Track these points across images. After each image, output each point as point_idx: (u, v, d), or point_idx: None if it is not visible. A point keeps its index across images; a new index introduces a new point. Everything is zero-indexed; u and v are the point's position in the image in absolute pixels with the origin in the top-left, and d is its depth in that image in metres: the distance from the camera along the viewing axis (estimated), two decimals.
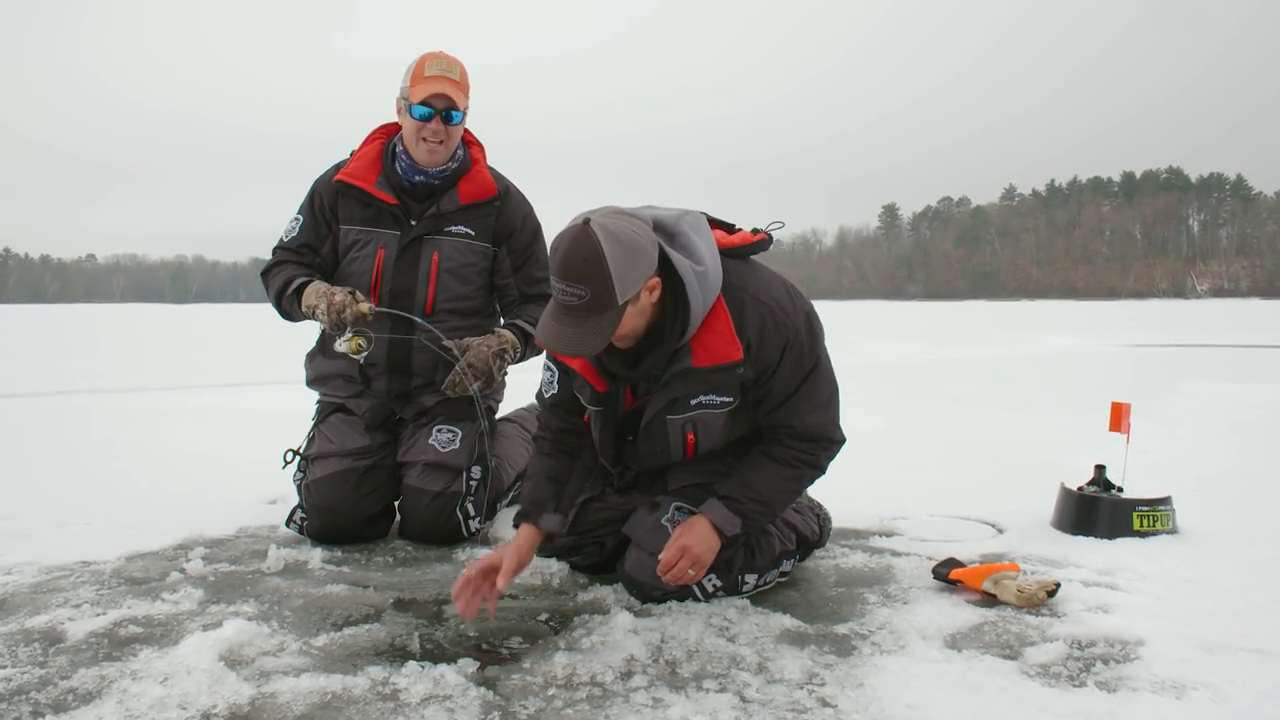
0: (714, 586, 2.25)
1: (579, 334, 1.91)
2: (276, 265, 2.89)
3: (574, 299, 1.88)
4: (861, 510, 3.11)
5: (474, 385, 2.72)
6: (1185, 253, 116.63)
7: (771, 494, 2.20)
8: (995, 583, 2.28)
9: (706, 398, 2.15)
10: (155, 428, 5.30)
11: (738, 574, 2.27)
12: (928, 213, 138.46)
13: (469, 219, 2.87)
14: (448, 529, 2.78)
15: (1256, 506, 3.30)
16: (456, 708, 1.66)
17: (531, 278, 2.97)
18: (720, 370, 2.07)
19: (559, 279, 1.89)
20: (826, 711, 1.67)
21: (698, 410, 2.17)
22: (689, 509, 2.25)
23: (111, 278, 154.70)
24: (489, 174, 2.94)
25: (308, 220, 2.90)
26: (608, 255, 1.85)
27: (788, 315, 2.11)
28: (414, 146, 2.79)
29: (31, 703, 1.68)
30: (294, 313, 2.83)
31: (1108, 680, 1.80)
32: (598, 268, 1.85)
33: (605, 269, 1.85)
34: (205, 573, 2.47)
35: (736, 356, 2.05)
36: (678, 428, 2.22)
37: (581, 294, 1.87)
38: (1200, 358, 11.42)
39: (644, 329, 2.04)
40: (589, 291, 1.87)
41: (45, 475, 3.86)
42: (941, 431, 5.27)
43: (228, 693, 1.71)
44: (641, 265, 1.91)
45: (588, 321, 1.90)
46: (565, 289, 1.89)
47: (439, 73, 2.75)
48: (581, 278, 1.86)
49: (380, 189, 2.83)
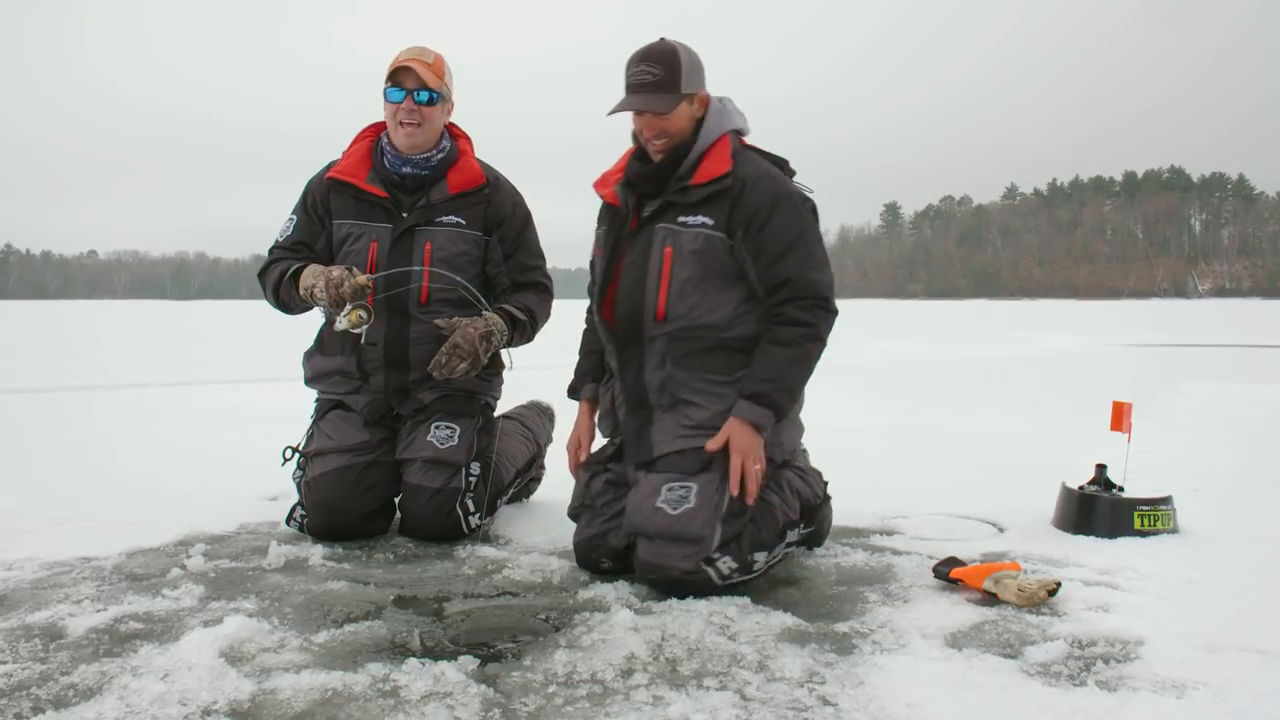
0: (729, 569, 2.26)
1: (650, 99, 2.34)
2: (273, 263, 2.90)
3: (649, 76, 2.34)
4: (862, 509, 3.11)
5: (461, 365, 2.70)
6: (1187, 252, 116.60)
7: (789, 377, 2.37)
8: (996, 582, 2.27)
9: (692, 217, 2.40)
10: (156, 424, 5.31)
11: (748, 554, 2.29)
12: (929, 212, 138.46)
13: (459, 208, 2.90)
14: (448, 525, 2.78)
15: (1257, 506, 3.30)
16: (457, 705, 1.67)
17: (523, 265, 2.98)
18: (710, 184, 2.38)
19: (639, 62, 2.35)
20: (827, 710, 1.67)
21: (680, 227, 2.40)
22: (682, 482, 2.29)
23: (113, 274, 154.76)
24: (477, 164, 2.98)
25: (301, 219, 2.92)
26: (680, 52, 2.37)
27: (782, 181, 2.44)
28: (394, 133, 2.84)
29: (32, 698, 1.68)
30: (291, 301, 2.83)
31: (1108, 680, 1.80)
32: (672, 57, 2.35)
33: (677, 59, 2.36)
34: (206, 569, 2.47)
35: (724, 169, 2.37)
36: (660, 238, 2.42)
37: (656, 73, 2.34)
38: (1201, 357, 11.41)
39: (684, 137, 2.40)
40: (663, 71, 2.34)
41: (46, 471, 3.86)
42: (943, 430, 5.27)
43: (228, 689, 1.71)
44: (699, 74, 2.41)
45: (657, 95, 2.34)
46: (643, 69, 2.34)
47: (410, 56, 2.83)
48: (658, 60, 2.34)
49: (371, 183, 2.86)
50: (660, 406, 2.45)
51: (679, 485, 2.30)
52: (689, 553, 2.22)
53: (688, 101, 2.38)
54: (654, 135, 2.39)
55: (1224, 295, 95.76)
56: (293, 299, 2.81)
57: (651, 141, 2.41)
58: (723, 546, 2.25)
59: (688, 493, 2.28)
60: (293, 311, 2.89)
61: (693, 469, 2.32)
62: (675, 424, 2.41)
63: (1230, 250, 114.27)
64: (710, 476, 2.31)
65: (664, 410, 2.45)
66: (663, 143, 2.40)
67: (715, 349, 2.43)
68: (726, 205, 2.37)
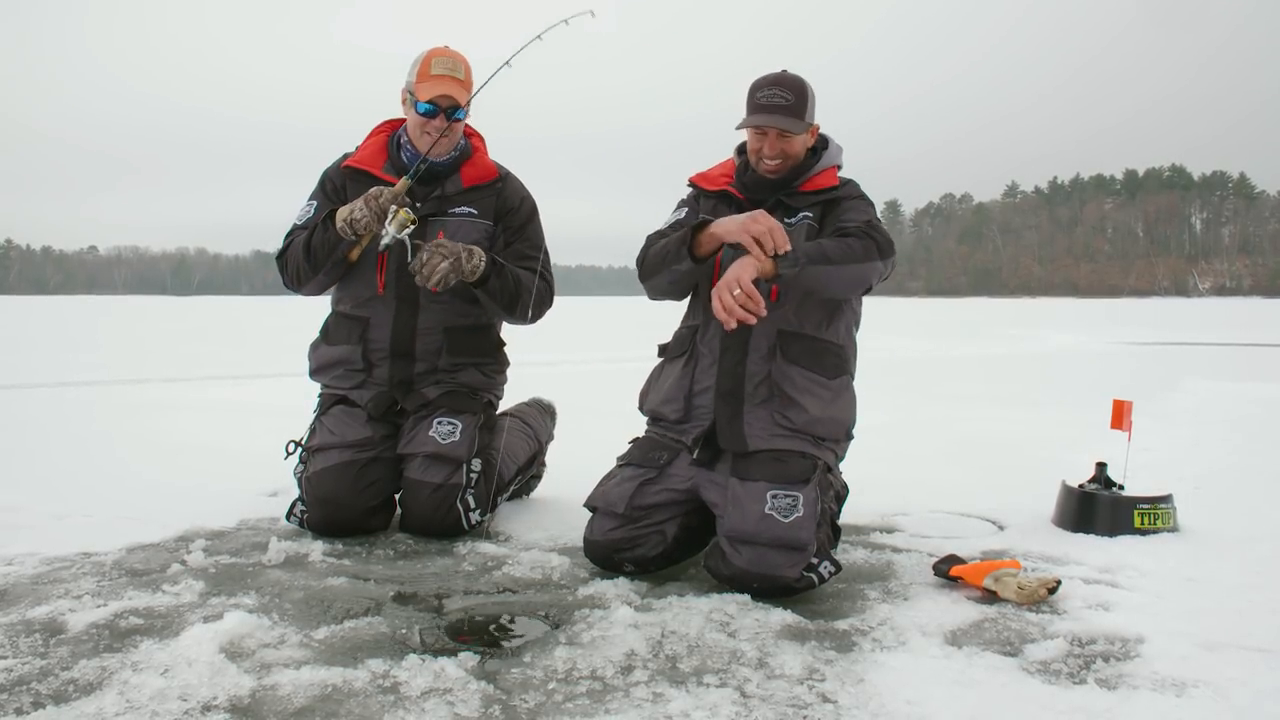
0: (829, 572, 2.29)
1: (784, 119, 2.47)
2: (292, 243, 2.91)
3: (782, 100, 2.48)
4: (863, 506, 3.11)
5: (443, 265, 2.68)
6: (1187, 251, 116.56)
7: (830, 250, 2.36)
8: (996, 579, 2.28)
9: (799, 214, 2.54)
10: (156, 419, 5.31)
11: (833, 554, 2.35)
12: (930, 209, 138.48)
13: (472, 200, 2.95)
14: (448, 521, 2.78)
15: (1257, 504, 3.30)
16: (457, 701, 1.67)
17: (521, 253, 2.99)
18: (818, 193, 2.56)
19: (771, 86, 2.49)
20: (827, 707, 1.67)
21: (788, 223, 2.50)
22: (786, 490, 2.29)
23: (113, 269, 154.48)
24: (490, 161, 3.04)
25: (322, 203, 2.94)
26: (807, 85, 2.54)
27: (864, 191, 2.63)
28: (418, 139, 2.89)
29: (32, 693, 1.68)
30: (324, 252, 2.78)
31: (1108, 678, 1.80)
32: (802, 88, 2.52)
33: (805, 90, 2.52)
34: (206, 565, 2.48)
35: (834, 183, 2.58)
36: None
37: (788, 98, 2.48)
38: (1202, 356, 11.41)
39: (797, 161, 2.55)
40: (793, 97, 2.48)
41: (46, 467, 3.86)
42: (943, 428, 5.28)
43: (228, 684, 1.71)
44: (815, 109, 2.57)
45: (789, 117, 2.48)
46: (776, 92, 2.48)
47: (444, 72, 2.83)
48: (790, 87, 2.49)
49: (386, 173, 2.90)
50: (754, 399, 2.44)
51: (784, 494, 2.29)
52: (795, 561, 2.23)
53: (807, 130, 2.52)
54: (775, 154, 2.50)
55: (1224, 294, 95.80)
56: (326, 244, 2.77)
57: (769, 160, 2.51)
58: (818, 551, 2.27)
59: (795, 501, 2.28)
60: (319, 268, 2.83)
61: (796, 478, 2.32)
62: (770, 420, 2.42)
63: (1231, 249, 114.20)
64: (810, 486, 2.32)
65: (757, 403, 2.44)
66: (778, 163, 2.51)
67: (824, 351, 2.48)
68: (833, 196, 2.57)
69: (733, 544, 2.27)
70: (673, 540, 2.44)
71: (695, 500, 2.46)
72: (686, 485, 2.46)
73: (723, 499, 2.37)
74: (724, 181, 2.64)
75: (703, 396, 2.51)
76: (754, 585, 2.25)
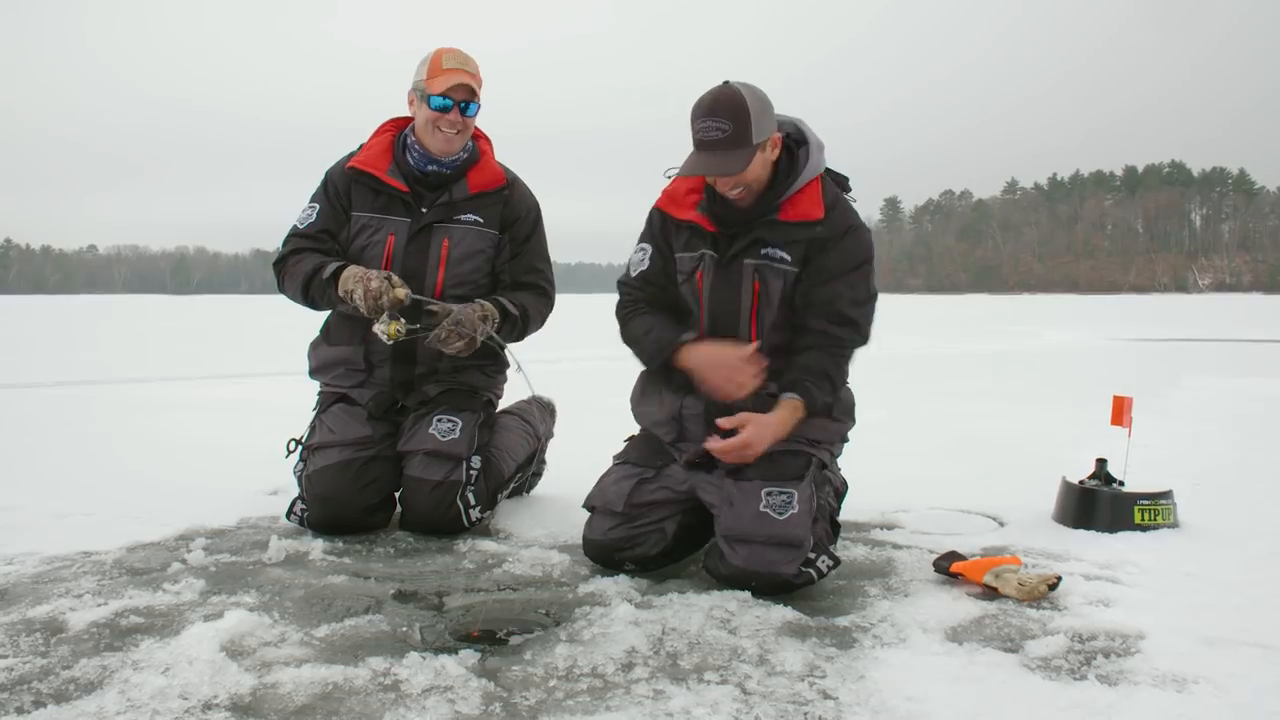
0: (827, 567, 2.28)
1: (722, 160, 2.23)
2: (293, 253, 2.87)
3: (718, 134, 2.21)
4: (863, 503, 3.10)
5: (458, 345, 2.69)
6: (1187, 247, 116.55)
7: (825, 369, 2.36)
8: (996, 576, 2.28)
9: (775, 251, 2.37)
10: (156, 419, 5.31)
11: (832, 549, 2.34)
12: (929, 206, 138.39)
13: (478, 207, 2.92)
14: (448, 519, 2.78)
15: (1258, 501, 3.30)
16: (458, 698, 1.67)
17: (528, 266, 2.99)
18: (800, 226, 2.35)
19: (705, 117, 2.22)
20: (827, 704, 1.67)
21: (765, 260, 2.38)
22: (781, 488, 2.28)
23: (113, 268, 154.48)
24: (497, 165, 3.00)
25: (324, 207, 2.90)
26: (747, 101, 2.22)
27: (857, 215, 2.44)
28: (428, 136, 2.84)
29: (33, 692, 1.68)
30: (321, 299, 2.80)
31: (1108, 674, 1.80)
32: (740, 108, 2.21)
33: (745, 110, 2.21)
34: (206, 563, 2.48)
35: (817, 215, 2.35)
36: (749, 271, 2.39)
37: (725, 129, 2.20)
38: (1202, 352, 11.41)
39: (761, 184, 2.34)
40: (731, 127, 2.20)
41: (46, 466, 3.86)
42: (943, 425, 5.28)
43: (229, 683, 1.71)
44: (770, 117, 2.28)
45: (729, 153, 2.22)
46: (711, 125, 2.21)
47: (457, 65, 2.81)
48: (725, 114, 2.20)
49: (392, 176, 2.87)
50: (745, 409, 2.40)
51: (778, 491, 2.29)
52: (792, 557, 2.23)
53: (761, 149, 2.28)
54: (730, 188, 2.33)
55: (1224, 290, 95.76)
56: (324, 298, 2.78)
57: (729, 193, 2.35)
58: (815, 546, 2.27)
59: (790, 498, 2.28)
60: (318, 307, 2.86)
61: (790, 475, 2.32)
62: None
63: (1231, 245, 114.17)
64: (804, 483, 2.32)
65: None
66: (740, 192, 2.34)
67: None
68: (813, 234, 2.37)
69: (730, 543, 2.27)
70: (672, 538, 2.44)
71: (694, 500, 2.45)
72: (684, 485, 2.46)
73: (719, 499, 2.37)
74: (692, 203, 2.46)
75: (694, 421, 2.49)
76: (752, 583, 2.25)
